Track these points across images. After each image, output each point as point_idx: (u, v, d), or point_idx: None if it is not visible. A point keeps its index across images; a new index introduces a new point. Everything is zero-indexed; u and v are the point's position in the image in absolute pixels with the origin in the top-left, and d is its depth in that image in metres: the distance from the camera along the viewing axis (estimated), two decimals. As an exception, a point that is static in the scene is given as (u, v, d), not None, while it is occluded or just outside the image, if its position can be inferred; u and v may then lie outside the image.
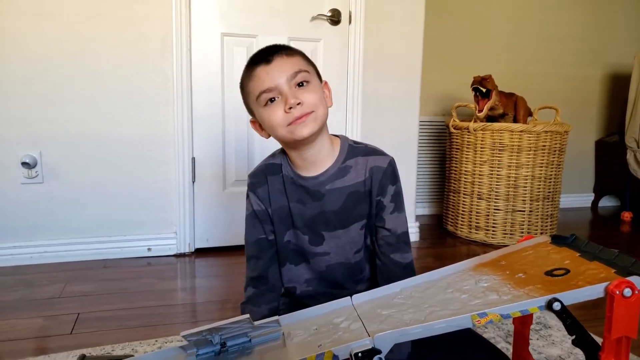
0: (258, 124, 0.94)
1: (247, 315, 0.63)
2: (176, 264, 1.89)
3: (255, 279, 0.98)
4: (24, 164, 1.75)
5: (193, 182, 1.97)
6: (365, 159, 0.95)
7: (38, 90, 1.75)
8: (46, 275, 1.70)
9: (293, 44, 1.99)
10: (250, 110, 0.94)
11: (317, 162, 0.94)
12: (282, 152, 0.99)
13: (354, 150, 0.97)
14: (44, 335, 1.25)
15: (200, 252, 2.01)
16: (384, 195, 0.94)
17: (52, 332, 1.27)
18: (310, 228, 0.96)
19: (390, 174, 0.95)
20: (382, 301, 0.75)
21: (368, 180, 0.94)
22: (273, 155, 1.01)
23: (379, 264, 0.96)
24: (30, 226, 1.81)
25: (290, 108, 0.85)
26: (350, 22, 2.04)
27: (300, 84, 0.87)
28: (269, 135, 0.93)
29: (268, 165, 0.99)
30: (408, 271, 0.94)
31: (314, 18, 2.00)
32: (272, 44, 0.92)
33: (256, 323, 0.66)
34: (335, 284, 0.99)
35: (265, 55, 0.88)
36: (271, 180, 0.97)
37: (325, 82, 0.96)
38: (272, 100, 0.87)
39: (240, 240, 2.06)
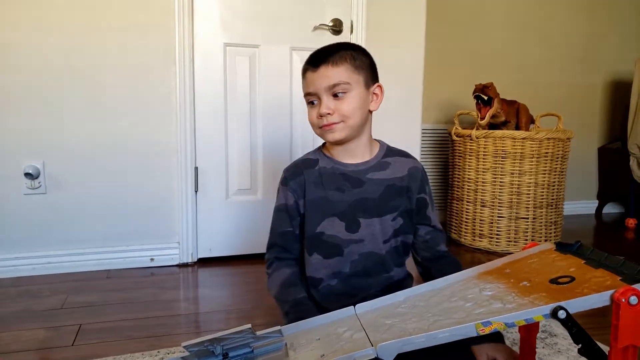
0: None
1: (249, 325, 0.63)
2: (179, 274, 1.88)
3: (283, 258, 1.06)
4: (27, 174, 1.76)
5: (196, 191, 1.97)
6: (403, 159, 1.07)
7: (41, 101, 1.76)
8: (49, 286, 1.70)
9: (295, 54, 2.01)
10: None
11: (357, 154, 1.04)
12: (319, 149, 1.08)
13: (392, 151, 1.09)
14: (45, 347, 1.24)
15: (203, 262, 2.00)
16: (426, 193, 1.07)
17: (54, 343, 1.26)
18: (349, 215, 1.01)
19: (425, 175, 1.09)
20: (386, 310, 0.74)
21: (406, 178, 1.05)
22: (309, 153, 1.09)
23: (428, 255, 1.06)
24: (33, 237, 1.81)
25: (321, 116, 0.96)
26: (351, 31, 2.05)
27: (335, 95, 0.96)
28: None
29: (304, 160, 1.07)
30: (453, 255, 1.08)
31: (316, 28, 2.01)
32: (329, 47, 1.00)
33: (258, 333, 0.66)
34: (362, 282, 1.01)
35: (315, 61, 0.98)
36: (307, 173, 1.03)
37: (378, 85, 1.03)
38: (312, 102, 0.99)
39: (244, 250, 2.07)
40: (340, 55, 0.97)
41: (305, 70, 1.00)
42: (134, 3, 1.82)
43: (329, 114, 0.96)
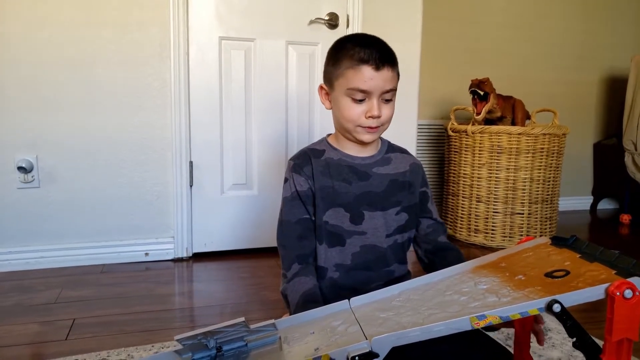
0: (325, 92, 1.04)
1: (243, 319, 0.62)
2: (174, 269, 1.87)
3: (303, 257, 1.01)
4: (20, 168, 1.74)
5: (191, 186, 1.96)
6: (403, 155, 1.10)
7: (35, 95, 1.75)
8: (42, 280, 1.69)
9: (291, 48, 2.01)
10: (329, 81, 1.01)
11: (364, 149, 1.05)
12: (324, 140, 1.08)
13: (392, 147, 1.11)
14: (38, 341, 1.24)
15: (198, 257, 2.00)
16: (427, 187, 1.11)
17: (47, 337, 1.26)
18: (354, 206, 1.01)
19: (424, 171, 1.12)
20: (381, 304, 0.74)
21: (408, 173, 1.06)
22: (315, 143, 1.09)
23: (430, 248, 1.07)
24: (27, 231, 1.80)
25: (370, 117, 0.95)
26: (347, 26, 2.04)
27: (386, 100, 0.97)
28: (331, 107, 1.03)
29: (311, 150, 1.06)
30: (454, 246, 1.09)
31: (311, 22, 2.00)
32: (382, 47, 0.97)
33: (252, 327, 0.65)
34: (363, 275, 1.02)
35: (376, 59, 0.94)
36: (315, 162, 1.03)
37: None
38: (360, 100, 0.96)
39: (239, 245, 2.07)
40: (395, 59, 0.99)
41: (359, 64, 0.93)
42: (129, -4, 1.80)
43: (378, 117, 0.96)
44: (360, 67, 0.94)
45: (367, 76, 0.93)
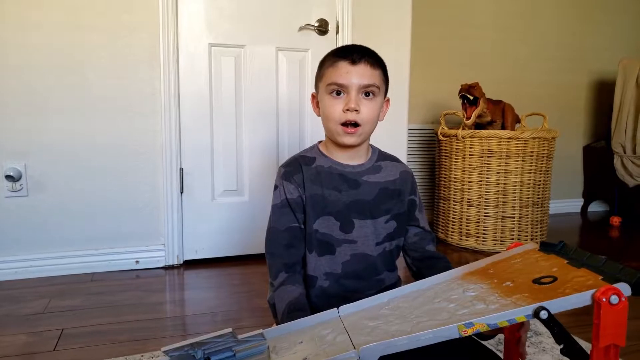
0: (316, 101, 1.05)
1: (230, 329, 0.62)
2: (165, 277, 1.86)
3: (290, 265, 1.00)
4: (8, 177, 1.73)
5: (181, 193, 1.95)
6: (394, 163, 1.09)
7: (23, 102, 1.73)
8: (31, 290, 1.67)
9: (281, 54, 2.01)
10: (316, 87, 1.04)
11: (355, 157, 1.04)
12: (315, 147, 1.07)
13: (383, 155, 1.10)
14: (26, 353, 1.22)
15: (189, 264, 1.98)
16: (416, 195, 1.09)
17: (35, 349, 1.24)
18: (344, 215, 1.00)
19: (415, 180, 1.11)
20: (369, 312, 0.74)
21: (398, 181, 1.06)
22: (306, 150, 1.09)
23: (417, 256, 1.07)
24: (15, 240, 1.77)
25: (348, 110, 0.95)
26: (337, 32, 2.05)
27: (366, 94, 0.97)
28: (320, 114, 1.04)
29: (302, 157, 1.06)
30: (442, 254, 1.09)
31: (301, 28, 2.00)
32: (365, 48, 1.01)
33: (240, 337, 0.65)
34: (353, 284, 1.01)
35: (353, 55, 0.97)
36: (305, 169, 1.02)
37: (388, 100, 1.07)
38: (337, 93, 0.97)
39: (230, 251, 2.05)
40: (378, 60, 1.00)
41: (337, 61, 0.97)
42: (118, 2, 1.79)
43: (356, 110, 0.95)
44: (338, 63, 0.97)
45: (344, 70, 0.96)
